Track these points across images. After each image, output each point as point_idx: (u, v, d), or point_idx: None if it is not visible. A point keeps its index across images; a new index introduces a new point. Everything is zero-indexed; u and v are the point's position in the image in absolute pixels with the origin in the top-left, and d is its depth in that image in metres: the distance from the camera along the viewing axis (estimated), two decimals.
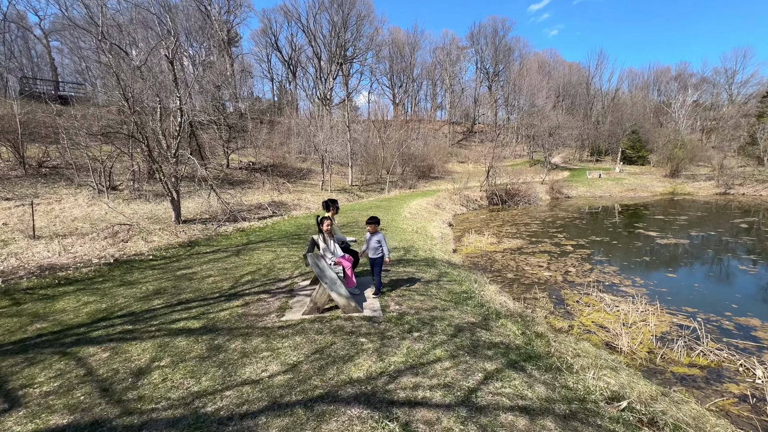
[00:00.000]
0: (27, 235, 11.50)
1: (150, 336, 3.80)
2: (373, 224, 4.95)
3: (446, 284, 5.84)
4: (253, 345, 3.48)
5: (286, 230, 10.98)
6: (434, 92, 62.20)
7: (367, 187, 27.61)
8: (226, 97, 32.62)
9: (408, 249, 8.43)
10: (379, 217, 13.73)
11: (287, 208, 18.80)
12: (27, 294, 5.32)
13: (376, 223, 4.98)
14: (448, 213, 17.74)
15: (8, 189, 16.90)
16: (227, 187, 22.06)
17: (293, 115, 38.91)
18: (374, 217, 5.02)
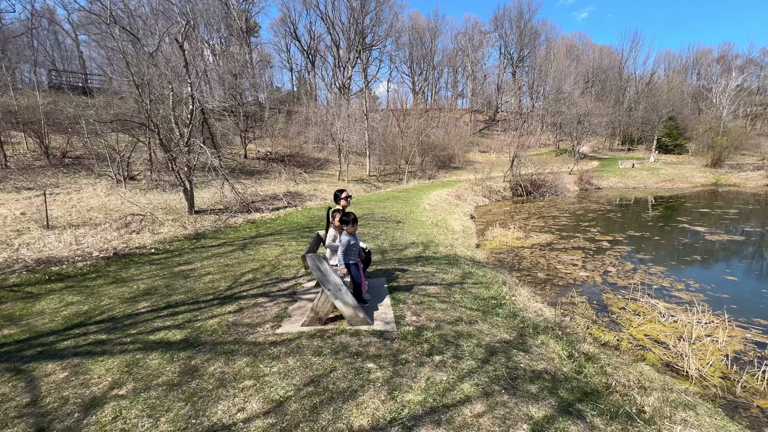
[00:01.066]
0: (41, 225, 11.42)
1: (122, 350, 3.23)
2: (351, 224, 4.09)
3: (471, 287, 5.05)
4: (236, 368, 2.83)
5: (298, 222, 10.40)
6: (455, 79, 60.22)
7: (385, 177, 26.82)
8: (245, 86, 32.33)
9: (427, 244, 7.65)
10: (397, 208, 13.05)
11: (303, 198, 18.31)
12: (12, 291, 4.91)
13: (354, 223, 4.11)
14: (469, 205, 16.78)
15: (31, 179, 17.08)
16: (244, 177, 21.80)
17: (311, 104, 38.34)
18: (349, 214, 4.15)
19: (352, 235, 4.07)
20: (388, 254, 6.74)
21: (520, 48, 57.89)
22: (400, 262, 6.22)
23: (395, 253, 6.85)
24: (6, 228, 11.25)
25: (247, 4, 44.50)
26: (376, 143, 27.49)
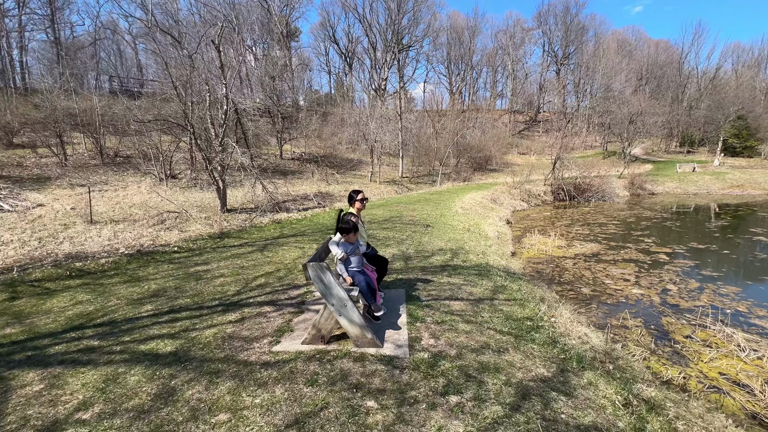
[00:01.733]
0: (85, 220, 12.04)
1: (107, 360, 2.97)
2: (352, 233, 3.62)
3: (503, 304, 4.40)
4: (215, 396, 2.45)
5: (323, 223, 10.12)
6: (494, 79, 58.24)
7: (418, 179, 26.21)
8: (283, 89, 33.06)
9: (456, 251, 7.02)
10: (427, 211, 12.42)
11: (333, 199, 18.17)
12: (32, 287, 4.94)
13: (354, 231, 3.64)
14: (506, 209, 15.77)
15: (85, 176, 18.25)
16: (278, 177, 22.13)
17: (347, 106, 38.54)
18: (348, 222, 3.68)
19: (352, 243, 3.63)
20: (412, 261, 6.20)
21: (565, 45, 54.91)
22: (424, 271, 5.67)
23: (420, 260, 6.30)
24: (56, 222, 11.97)
25: (288, 9, 45.68)
26: (409, 144, 26.96)
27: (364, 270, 3.70)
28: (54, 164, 19.25)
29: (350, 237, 3.58)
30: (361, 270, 3.64)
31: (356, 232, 3.64)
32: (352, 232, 3.57)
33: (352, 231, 3.57)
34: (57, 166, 19.07)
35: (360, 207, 4.22)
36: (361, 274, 3.53)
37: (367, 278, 3.57)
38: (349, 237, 3.58)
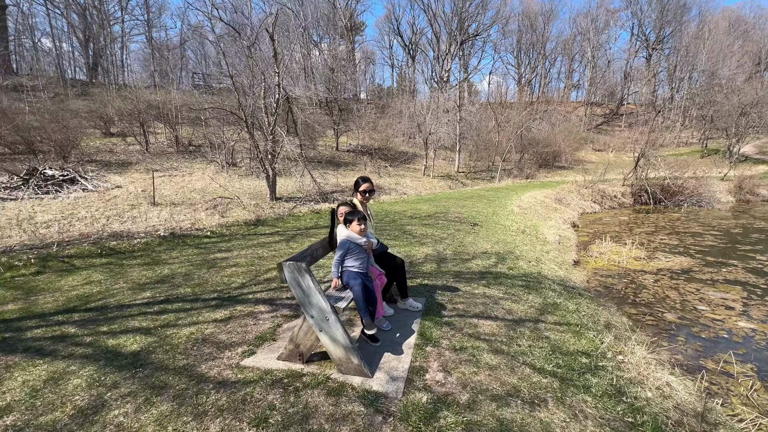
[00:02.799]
0: (149, 201, 12.96)
1: (67, 354, 2.67)
2: (356, 222, 2.94)
3: (551, 329, 3.40)
4: (137, 425, 1.94)
5: None
6: (570, 68, 53.03)
7: (475, 174, 24.64)
8: (342, 81, 33.33)
9: (503, 256, 5.98)
10: (478, 208, 11.22)
11: (382, 191, 17.65)
12: (61, 262, 5.06)
13: (361, 221, 2.95)
14: (572, 210, 13.87)
15: (160, 163, 19.94)
16: (331, 168, 22.27)
17: (405, 98, 37.79)
18: (356, 212, 3.03)
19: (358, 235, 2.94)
20: (446, 264, 5.33)
21: (659, 26, 47.90)
22: (458, 277, 4.79)
23: (456, 263, 5.41)
24: (126, 202, 13.07)
25: (354, 3, 45.96)
26: (468, 138, 25.41)
27: (368, 273, 2.99)
28: (137, 151, 21.36)
29: (354, 226, 2.91)
30: (364, 273, 2.93)
31: (363, 222, 2.95)
32: (356, 219, 2.89)
33: (362, 220, 2.90)
34: (139, 152, 21.12)
35: (362, 199, 3.51)
36: (358, 278, 2.82)
37: (367, 283, 2.86)
38: (354, 226, 2.91)
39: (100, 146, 21.46)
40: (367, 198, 3.52)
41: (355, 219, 2.91)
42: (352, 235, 2.93)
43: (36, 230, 9.50)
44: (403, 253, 5.82)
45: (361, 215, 2.95)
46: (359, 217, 2.91)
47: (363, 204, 3.54)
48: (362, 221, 2.92)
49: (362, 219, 2.93)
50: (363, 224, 2.93)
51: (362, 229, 2.94)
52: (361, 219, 2.92)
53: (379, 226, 8.04)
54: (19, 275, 4.47)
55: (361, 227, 2.92)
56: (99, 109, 23.63)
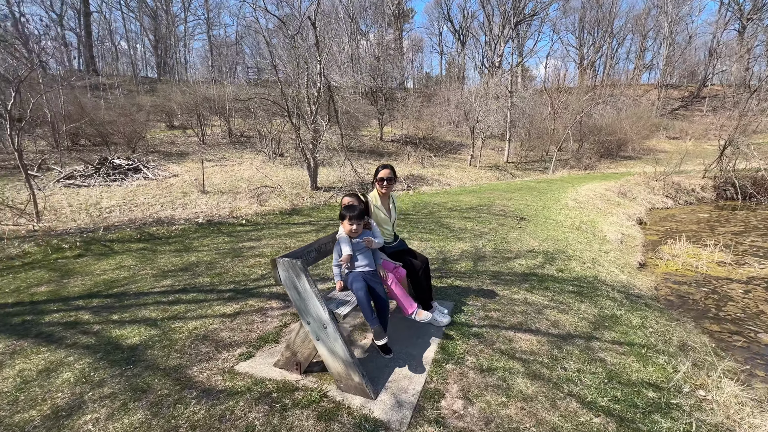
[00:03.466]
0: (199, 190, 13.62)
1: (70, 343, 2.61)
2: (352, 220, 2.54)
3: (608, 349, 2.77)
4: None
5: (399, 207, 9.15)
6: (642, 47, 47.53)
7: (526, 165, 23.02)
8: (388, 69, 32.81)
9: (552, 256, 5.26)
10: (526, 201, 10.25)
11: (424, 182, 17.05)
12: (103, 246, 5.27)
13: (358, 219, 2.55)
14: (639, 205, 12.28)
15: (213, 153, 21.02)
16: (374, 158, 22.04)
17: (454, 86, 36.35)
18: (353, 207, 2.62)
19: (359, 232, 2.55)
20: (484, 263, 4.76)
21: None
22: (496, 278, 4.22)
23: (496, 262, 4.82)
24: (179, 190, 13.86)
25: None
26: (519, 125, 23.75)
27: (376, 273, 2.59)
28: (195, 142, 22.73)
29: (347, 225, 2.52)
30: (371, 272, 2.54)
31: (361, 221, 2.55)
32: (354, 219, 2.49)
33: (355, 219, 2.50)
34: (196, 144, 22.45)
35: (382, 191, 3.08)
36: (362, 279, 2.42)
37: (374, 285, 2.46)
38: (347, 224, 2.53)
39: (163, 138, 23.17)
40: (388, 187, 3.09)
41: (347, 217, 2.51)
42: (341, 236, 2.56)
43: (100, 214, 10.36)
44: (436, 248, 5.34)
45: (358, 213, 2.54)
46: (351, 216, 2.51)
47: (383, 195, 3.13)
48: (355, 220, 2.51)
49: (356, 218, 2.52)
50: (356, 224, 2.52)
51: (353, 230, 2.54)
52: (354, 218, 2.51)
53: (414, 219, 7.58)
54: (63, 257, 4.70)
55: (351, 227, 2.52)
56: (163, 104, 25.49)
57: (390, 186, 3.10)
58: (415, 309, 2.63)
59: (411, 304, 2.65)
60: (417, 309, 2.76)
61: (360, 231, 2.59)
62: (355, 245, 2.55)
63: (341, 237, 2.58)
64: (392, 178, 3.09)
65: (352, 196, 2.79)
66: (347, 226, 2.54)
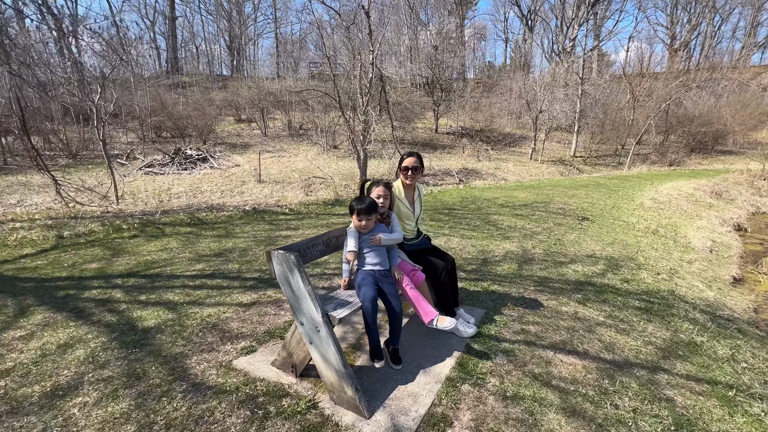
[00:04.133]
0: (255, 179, 14.34)
1: (96, 321, 2.70)
2: (360, 215, 2.28)
3: (679, 386, 2.18)
4: (84, 423, 1.69)
5: (445, 201, 8.70)
6: (754, 22, 40.25)
7: (597, 160, 20.82)
8: (445, 59, 31.67)
9: (617, 263, 4.52)
10: (592, 200, 9.10)
11: (478, 176, 16.19)
12: (156, 228, 5.63)
13: (366, 213, 2.26)
14: (739, 208, 10.33)
15: (273, 145, 22.10)
16: (428, 151, 21.52)
17: (517, 75, 34.09)
18: (363, 199, 2.33)
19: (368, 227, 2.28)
20: (531, 267, 4.21)
21: None
22: (542, 285, 3.68)
23: (545, 266, 4.24)
24: (239, 179, 14.73)
25: None
26: (591, 116, 21.50)
27: (389, 273, 2.30)
28: (257, 135, 24.12)
29: (357, 220, 2.26)
30: (383, 272, 2.26)
31: (371, 216, 2.27)
32: (363, 215, 2.23)
33: (364, 214, 2.23)
34: (259, 136, 23.81)
35: (407, 181, 2.76)
36: (371, 281, 2.15)
37: (387, 288, 2.17)
38: (355, 219, 2.27)
39: (230, 131, 24.92)
40: (413, 177, 2.76)
41: (354, 211, 2.25)
42: (350, 229, 2.30)
43: (170, 199, 11.37)
44: (477, 247, 4.87)
45: (366, 207, 2.25)
46: (360, 209, 2.23)
47: (407, 186, 2.81)
48: (364, 216, 2.23)
49: (364, 212, 2.23)
50: (365, 219, 2.24)
51: (362, 226, 2.26)
52: (363, 212, 2.23)
53: (459, 214, 7.10)
54: (119, 237, 5.09)
55: (360, 223, 2.24)
56: (232, 99, 27.38)
57: (416, 176, 2.76)
58: (434, 318, 2.29)
59: (429, 312, 2.33)
60: (438, 316, 2.43)
61: (371, 226, 2.32)
62: (363, 241, 2.28)
63: (349, 230, 2.33)
64: (418, 167, 2.76)
65: (379, 184, 2.51)
66: (355, 221, 2.29)
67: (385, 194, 2.52)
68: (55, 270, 3.79)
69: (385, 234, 2.34)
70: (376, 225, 2.39)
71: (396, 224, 2.53)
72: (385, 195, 2.52)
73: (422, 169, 2.80)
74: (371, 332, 2.07)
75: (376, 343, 2.08)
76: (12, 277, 3.58)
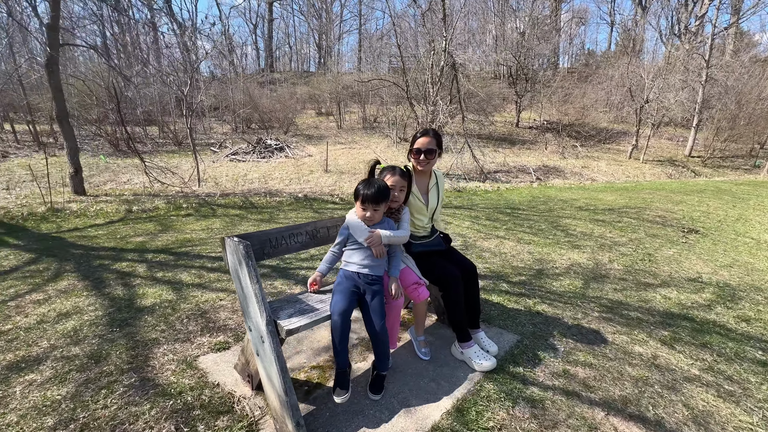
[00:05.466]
0: (323, 169, 14.70)
1: (107, 293, 2.73)
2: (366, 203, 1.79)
3: None
4: (19, 405, 1.56)
5: (509, 200, 7.72)
6: None
7: (722, 161, 17.02)
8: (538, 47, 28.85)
9: (734, 292, 3.33)
10: (706, 208, 7.16)
11: (559, 175, 14.37)
12: (210, 209, 5.89)
13: (375, 202, 1.78)
14: None
15: (345, 137, 22.65)
16: (504, 146, 19.96)
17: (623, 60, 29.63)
18: (372, 181, 1.83)
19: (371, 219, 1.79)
20: (601, 286, 3.31)
21: None
22: (610, 311, 2.82)
23: (621, 287, 3.29)
24: (309, 168, 15.28)
25: None
26: (716, 108, 17.60)
27: (381, 280, 1.82)
28: (333, 127, 24.99)
29: (360, 209, 1.81)
30: (374, 278, 1.78)
31: (379, 206, 1.80)
32: (369, 203, 1.77)
33: (370, 202, 1.77)
34: (334, 128, 24.64)
35: (419, 166, 2.20)
36: (350, 289, 1.69)
37: (371, 299, 1.70)
38: (359, 208, 1.81)
39: (310, 123, 26.23)
40: (426, 162, 2.19)
41: (359, 196, 1.77)
42: (351, 221, 1.83)
43: (244, 184, 12.24)
44: (534, 255, 4.04)
45: (378, 192, 1.76)
46: (367, 196, 1.76)
47: (420, 173, 2.25)
48: (370, 204, 1.75)
49: (371, 200, 1.75)
50: (370, 209, 1.76)
51: (367, 217, 1.78)
52: (370, 199, 1.75)
53: (522, 214, 6.16)
54: (176, 215, 5.42)
55: (365, 213, 1.77)
56: (313, 93, 28.80)
57: (430, 161, 2.19)
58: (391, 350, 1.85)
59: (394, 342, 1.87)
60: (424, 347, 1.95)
61: (377, 219, 1.85)
62: (357, 233, 1.83)
63: (350, 222, 1.88)
64: (433, 149, 2.18)
65: (394, 172, 2.00)
66: (359, 210, 1.85)
67: (401, 185, 2.00)
68: (105, 240, 4.08)
69: (388, 231, 1.85)
70: (384, 219, 1.91)
71: (406, 221, 2.02)
72: (401, 187, 2.00)
73: (439, 152, 2.22)
74: (337, 355, 1.63)
75: (342, 370, 1.62)
76: (71, 244, 3.94)
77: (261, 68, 45.23)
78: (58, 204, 5.30)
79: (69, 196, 6.16)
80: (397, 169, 2.02)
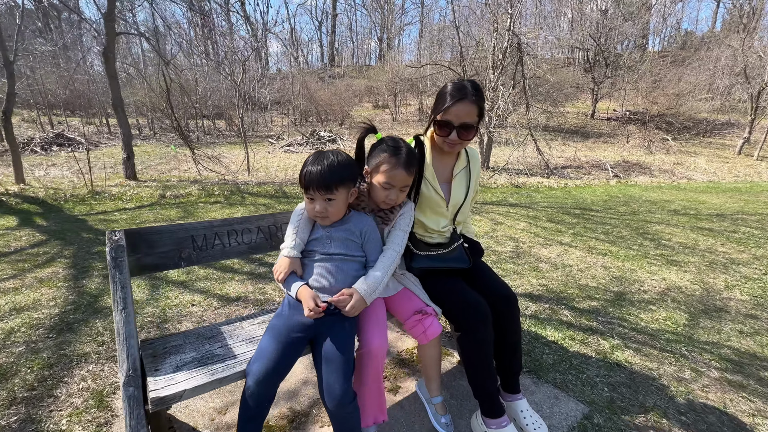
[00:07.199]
0: None
1: (77, 276, 2.40)
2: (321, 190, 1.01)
3: None
4: None
5: (580, 199, 6.46)
6: None
7: None
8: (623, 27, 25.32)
9: None
10: None
11: (644, 172, 12.25)
12: (240, 197, 5.63)
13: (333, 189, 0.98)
14: None
15: (398, 129, 22.07)
16: (577, 139, 17.83)
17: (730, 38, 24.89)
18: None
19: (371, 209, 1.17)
20: (717, 324, 2.26)
21: None
22: (738, 368, 1.81)
23: (749, 330, 2.21)
24: None
25: None
26: None
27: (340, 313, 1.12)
28: (389, 120, 24.56)
29: (309, 202, 1.13)
30: (332, 312, 1.09)
31: (333, 193, 1.09)
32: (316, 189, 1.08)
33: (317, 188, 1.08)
34: (389, 121, 24.19)
35: (447, 146, 1.40)
36: (279, 339, 1.03)
37: (327, 340, 1.03)
38: (313, 204, 1.12)
39: (366, 116, 26.06)
40: (459, 143, 1.37)
41: (304, 176, 1.11)
42: (296, 210, 1.16)
43: (293, 173, 12.22)
44: (611, 272, 3.03)
45: (333, 170, 1.07)
46: (308, 177, 1.10)
47: (442, 154, 1.48)
48: (317, 189, 1.08)
49: (321, 184, 1.06)
50: (319, 201, 1.11)
51: (316, 212, 1.12)
52: (315, 182, 1.07)
53: (596, 217, 4.98)
54: (204, 201, 5.23)
55: (312, 207, 1.12)
56: (371, 86, 28.66)
57: (464, 141, 1.38)
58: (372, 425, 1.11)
59: (376, 415, 1.14)
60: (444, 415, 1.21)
61: (336, 216, 1.15)
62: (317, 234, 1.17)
63: (297, 210, 1.22)
64: (471, 125, 1.37)
65: (399, 155, 1.20)
66: (306, 201, 1.16)
67: (404, 184, 1.23)
68: (122, 225, 3.92)
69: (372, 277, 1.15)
70: (352, 216, 1.21)
71: (404, 225, 1.29)
72: (403, 186, 1.25)
73: (477, 128, 1.42)
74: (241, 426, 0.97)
75: None
76: (88, 227, 3.82)
77: (323, 63, 46.34)
78: (99, 187, 5.40)
79: (118, 180, 6.35)
80: (402, 151, 1.21)
